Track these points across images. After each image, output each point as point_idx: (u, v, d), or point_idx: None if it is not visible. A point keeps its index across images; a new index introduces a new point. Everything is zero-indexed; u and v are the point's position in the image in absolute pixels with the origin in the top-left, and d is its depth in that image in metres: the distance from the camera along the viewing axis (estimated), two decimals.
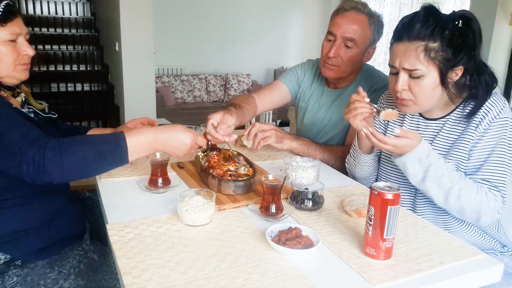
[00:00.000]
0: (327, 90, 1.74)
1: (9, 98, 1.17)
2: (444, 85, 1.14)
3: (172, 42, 6.25)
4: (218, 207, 1.09)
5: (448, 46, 1.10)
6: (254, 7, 6.71)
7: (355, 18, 1.54)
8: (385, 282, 0.81)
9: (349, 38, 1.54)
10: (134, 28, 4.17)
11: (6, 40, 1.11)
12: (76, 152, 0.97)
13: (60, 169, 0.97)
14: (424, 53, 1.10)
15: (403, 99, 1.18)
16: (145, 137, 1.05)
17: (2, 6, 1.07)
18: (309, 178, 1.22)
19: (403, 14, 5.98)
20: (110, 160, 1.02)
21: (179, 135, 1.09)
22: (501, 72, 4.01)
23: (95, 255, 1.25)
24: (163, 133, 1.07)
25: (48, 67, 5.18)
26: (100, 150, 1.00)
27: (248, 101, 1.66)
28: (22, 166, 0.95)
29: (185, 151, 1.11)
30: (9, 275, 1.12)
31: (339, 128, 1.68)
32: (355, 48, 1.56)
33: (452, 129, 1.21)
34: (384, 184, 0.88)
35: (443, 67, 1.11)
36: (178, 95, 6.16)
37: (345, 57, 1.57)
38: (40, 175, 0.95)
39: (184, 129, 1.11)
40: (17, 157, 0.95)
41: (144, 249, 0.89)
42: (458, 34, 1.10)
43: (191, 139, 1.10)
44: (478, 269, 0.88)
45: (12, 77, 1.16)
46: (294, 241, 0.89)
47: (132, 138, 1.03)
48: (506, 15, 3.73)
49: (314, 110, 1.77)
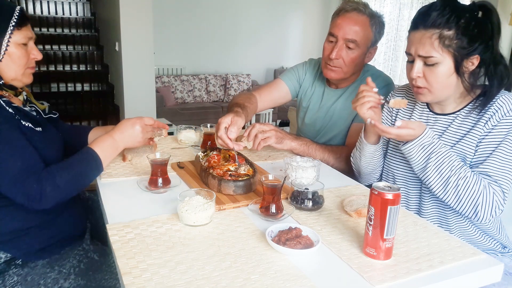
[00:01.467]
0: (328, 89, 1.74)
1: (11, 97, 1.20)
2: (459, 74, 1.15)
3: (172, 42, 6.25)
4: (218, 207, 1.09)
5: (463, 35, 1.10)
6: (254, 7, 6.72)
7: (356, 19, 1.54)
8: (385, 282, 0.81)
9: (350, 39, 1.54)
10: (134, 28, 4.17)
11: (20, 43, 1.16)
12: (67, 178, 1.10)
13: (57, 199, 1.09)
14: (438, 41, 1.11)
15: (418, 86, 1.19)
16: (106, 142, 1.21)
17: (17, 11, 1.14)
18: (309, 178, 1.22)
19: (403, 14, 5.99)
20: (93, 173, 1.19)
21: (126, 126, 1.25)
22: None
23: (95, 255, 1.25)
24: (116, 132, 1.24)
25: (48, 67, 5.18)
26: (85, 169, 1.16)
27: (251, 100, 1.67)
28: (18, 196, 1.05)
29: (141, 136, 1.27)
30: (10, 274, 1.12)
31: (340, 128, 1.68)
32: (357, 50, 1.56)
33: (462, 124, 1.21)
34: (384, 184, 0.88)
35: (458, 55, 1.12)
36: (178, 95, 6.16)
37: (347, 58, 1.57)
38: (35, 206, 1.06)
39: (128, 120, 1.27)
40: (13, 187, 1.05)
41: (144, 249, 0.89)
42: (475, 24, 1.11)
43: (138, 123, 1.26)
44: (478, 269, 0.88)
45: (19, 80, 1.20)
46: (294, 241, 0.89)
47: (97, 148, 1.18)
48: (506, 15, 3.74)
49: (315, 109, 1.77)
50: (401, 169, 1.33)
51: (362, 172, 1.41)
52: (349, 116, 1.64)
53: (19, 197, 1.05)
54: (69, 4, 5.88)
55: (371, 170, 1.40)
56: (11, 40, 1.13)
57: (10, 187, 1.05)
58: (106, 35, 5.18)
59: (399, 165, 1.33)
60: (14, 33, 1.13)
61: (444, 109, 1.26)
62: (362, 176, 1.43)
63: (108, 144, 1.21)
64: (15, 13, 1.13)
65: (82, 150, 1.18)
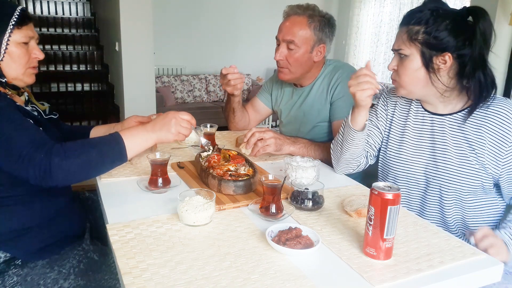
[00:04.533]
0: (296, 89, 1.82)
1: (14, 96, 1.20)
2: (429, 70, 1.17)
3: (172, 42, 6.25)
4: (218, 207, 1.09)
5: (431, 30, 1.13)
6: (254, 7, 6.71)
7: (293, 20, 1.64)
8: (385, 282, 0.81)
9: (288, 40, 1.63)
10: (134, 28, 4.17)
11: (21, 42, 1.16)
12: (80, 155, 1.03)
13: (66, 173, 1.01)
14: (407, 35, 1.18)
15: (392, 79, 1.27)
16: (136, 130, 1.13)
17: (18, 11, 1.15)
18: (309, 178, 1.22)
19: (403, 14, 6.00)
20: (111, 159, 1.08)
21: (159, 117, 1.17)
22: (501, 72, 4.02)
23: (95, 255, 1.25)
24: (149, 123, 1.15)
25: (48, 67, 5.18)
26: (102, 150, 1.06)
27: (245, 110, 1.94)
28: (29, 170, 0.99)
29: (174, 128, 1.15)
30: (9, 274, 1.12)
31: (314, 122, 1.74)
32: (298, 49, 1.63)
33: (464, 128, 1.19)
34: (384, 184, 0.88)
35: (426, 50, 1.15)
36: (178, 95, 6.16)
37: (290, 58, 1.65)
38: (46, 179, 1.00)
39: (161, 114, 1.19)
40: (24, 162, 0.99)
41: (144, 249, 0.89)
42: (450, 22, 1.13)
43: (172, 114, 1.16)
44: (478, 269, 0.88)
45: (20, 80, 1.20)
46: (294, 241, 0.89)
47: (126, 135, 1.10)
48: (506, 15, 3.73)
49: (288, 109, 1.85)
50: (403, 170, 1.32)
51: (340, 159, 1.38)
52: (322, 110, 1.70)
53: (30, 172, 0.99)
54: (69, 4, 5.88)
55: (350, 158, 1.36)
56: (11, 39, 1.13)
57: (20, 163, 1.00)
58: (106, 35, 5.18)
59: (401, 166, 1.33)
60: (14, 32, 1.14)
61: (436, 109, 1.26)
62: (339, 165, 1.41)
63: (138, 132, 1.12)
64: (15, 13, 1.14)
65: (110, 133, 1.10)
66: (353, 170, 1.42)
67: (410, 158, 1.30)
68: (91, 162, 1.05)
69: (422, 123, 1.29)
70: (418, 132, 1.29)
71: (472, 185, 1.19)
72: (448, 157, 1.21)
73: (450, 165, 1.21)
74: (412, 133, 1.30)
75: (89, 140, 1.11)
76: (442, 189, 1.23)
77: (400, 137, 1.34)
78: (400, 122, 1.35)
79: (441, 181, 1.23)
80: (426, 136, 1.27)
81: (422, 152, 1.27)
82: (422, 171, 1.28)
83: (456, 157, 1.20)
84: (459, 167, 1.19)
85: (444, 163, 1.22)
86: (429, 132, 1.26)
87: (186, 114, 1.18)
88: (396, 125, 1.36)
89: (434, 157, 1.24)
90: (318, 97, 1.71)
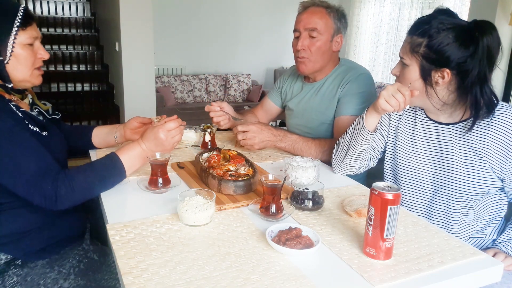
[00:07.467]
0: (306, 84, 1.82)
1: (19, 102, 1.19)
2: (427, 83, 1.18)
3: (172, 42, 6.25)
4: (218, 207, 1.09)
5: (433, 46, 1.13)
6: (254, 7, 6.71)
7: (313, 11, 1.67)
8: (385, 282, 0.81)
9: (311, 28, 1.64)
10: (134, 28, 4.17)
11: (26, 43, 1.14)
12: (83, 183, 1.09)
13: (71, 202, 1.08)
14: (409, 46, 1.19)
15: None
16: (134, 151, 1.21)
17: (21, 11, 1.11)
18: (309, 178, 1.22)
19: (403, 14, 5.98)
20: (112, 181, 1.18)
21: (149, 137, 1.21)
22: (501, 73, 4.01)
23: (95, 255, 1.25)
24: (143, 141, 1.22)
25: (48, 67, 5.18)
26: (103, 175, 1.14)
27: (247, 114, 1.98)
28: (35, 197, 1.05)
29: (167, 142, 1.22)
30: (9, 274, 1.12)
31: (321, 119, 1.72)
32: (320, 37, 1.65)
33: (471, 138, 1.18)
34: (384, 184, 0.88)
35: (426, 64, 1.16)
36: (178, 95, 6.16)
37: (312, 47, 1.65)
38: (51, 207, 1.06)
39: (151, 129, 1.23)
40: (30, 189, 1.04)
41: (144, 249, 0.89)
42: (453, 38, 1.11)
43: (161, 131, 1.21)
44: (478, 269, 0.88)
45: (28, 81, 1.18)
46: (294, 241, 0.89)
47: (124, 156, 1.18)
48: (506, 15, 3.73)
49: (296, 102, 1.85)
50: (411, 179, 1.31)
51: (343, 161, 1.38)
52: (329, 107, 1.69)
53: (36, 199, 1.05)
54: (69, 4, 5.88)
55: (354, 160, 1.37)
56: (16, 41, 1.11)
57: (27, 188, 1.04)
58: (106, 35, 5.18)
59: (410, 175, 1.32)
60: (19, 34, 1.11)
61: (438, 118, 1.26)
62: (340, 166, 1.40)
63: (136, 153, 1.21)
64: (19, 13, 1.10)
65: (108, 156, 1.17)
66: (353, 172, 1.42)
67: (419, 167, 1.29)
68: (95, 188, 1.13)
69: (428, 132, 1.28)
70: (426, 141, 1.28)
71: (479, 192, 1.19)
72: (455, 167, 1.20)
73: (458, 175, 1.20)
74: (421, 142, 1.29)
75: (92, 166, 1.16)
76: (450, 198, 1.23)
77: (410, 146, 1.32)
78: (407, 130, 1.33)
79: (450, 190, 1.22)
80: (434, 145, 1.26)
81: (431, 161, 1.27)
82: (430, 180, 1.27)
83: (463, 166, 1.19)
84: (467, 177, 1.18)
85: (452, 172, 1.21)
86: (436, 141, 1.25)
87: (171, 123, 1.23)
88: (403, 133, 1.34)
89: (442, 166, 1.24)
90: (328, 94, 1.70)
